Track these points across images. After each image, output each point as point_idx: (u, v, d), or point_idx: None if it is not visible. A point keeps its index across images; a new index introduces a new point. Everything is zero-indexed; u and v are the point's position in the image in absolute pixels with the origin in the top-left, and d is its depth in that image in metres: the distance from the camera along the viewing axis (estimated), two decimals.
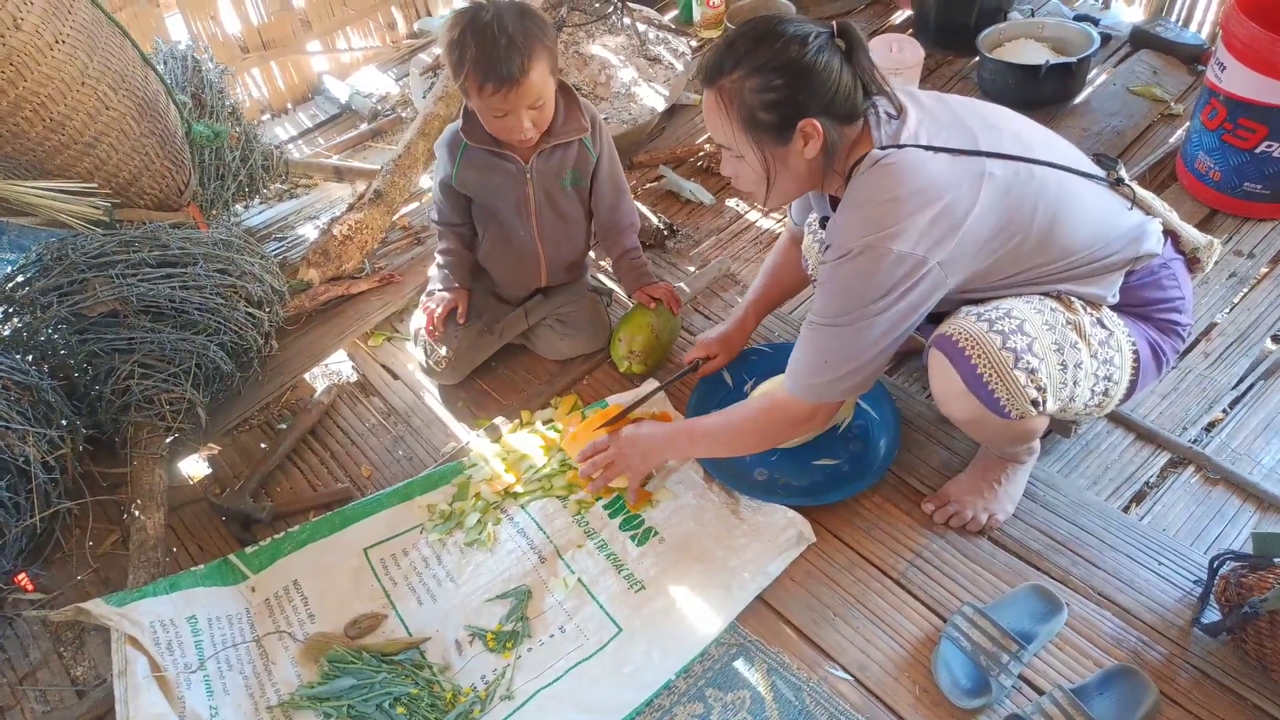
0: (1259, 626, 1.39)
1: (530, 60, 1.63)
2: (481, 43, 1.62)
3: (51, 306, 1.84)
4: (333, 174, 2.78)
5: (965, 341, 1.38)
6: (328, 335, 2.27)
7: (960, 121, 1.40)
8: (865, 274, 1.34)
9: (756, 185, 1.45)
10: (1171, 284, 1.53)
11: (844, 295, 1.39)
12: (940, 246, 1.32)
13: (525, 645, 1.56)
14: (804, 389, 1.49)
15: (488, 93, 1.65)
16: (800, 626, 1.56)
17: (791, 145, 1.37)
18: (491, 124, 1.75)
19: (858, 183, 1.37)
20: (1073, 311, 1.44)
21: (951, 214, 1.32)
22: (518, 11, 1.65)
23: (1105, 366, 1.46)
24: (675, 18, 3.33)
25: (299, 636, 1.61)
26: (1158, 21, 2.91)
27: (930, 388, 1.52)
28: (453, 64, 1.67)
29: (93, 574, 1.80)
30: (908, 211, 1.31)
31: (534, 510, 1.77)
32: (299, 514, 1.85)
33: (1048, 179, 1.39)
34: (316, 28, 3.22)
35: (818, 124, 1.33)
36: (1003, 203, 1.35)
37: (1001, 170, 1.35)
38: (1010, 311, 1.39)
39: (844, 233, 1.37)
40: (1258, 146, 2.13)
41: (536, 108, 1.71)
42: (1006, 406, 1.39)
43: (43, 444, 1.74)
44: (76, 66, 1.95)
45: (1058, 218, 1.39)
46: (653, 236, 2.38)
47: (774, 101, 1.33)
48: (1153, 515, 1.68)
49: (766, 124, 1.35)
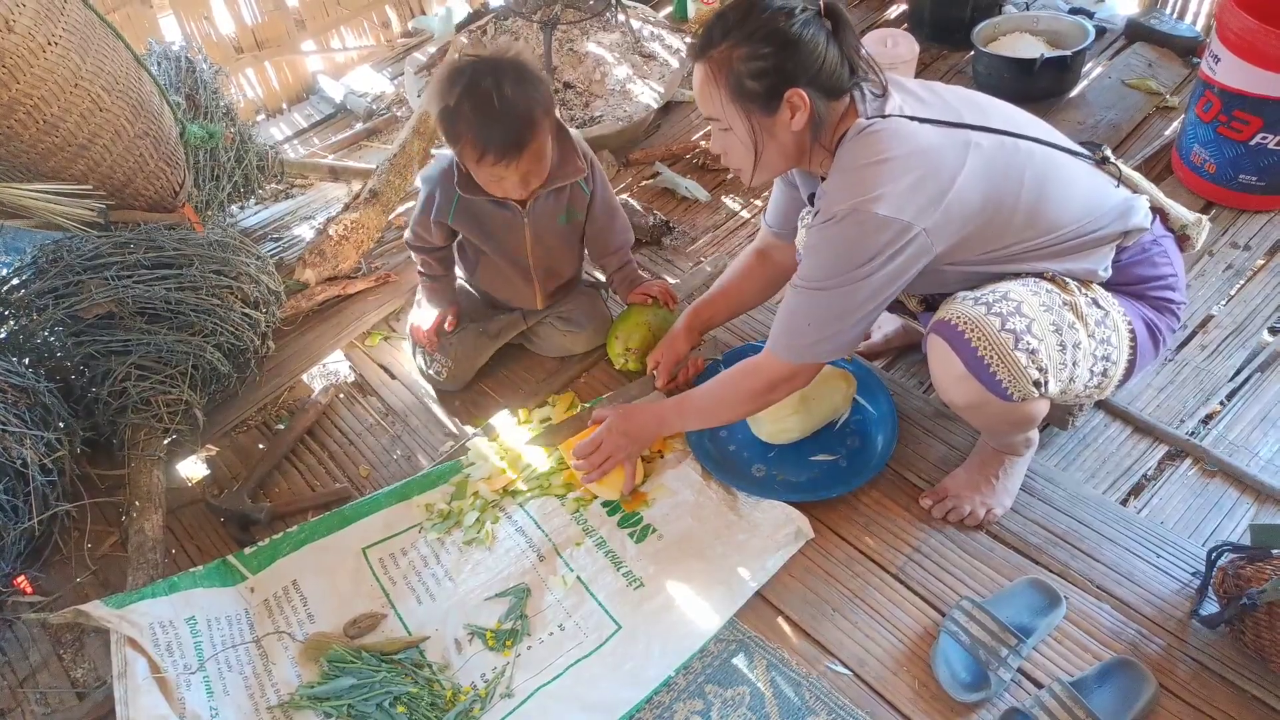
0: (1257, 618, 1.39)
1: (533, 130, 1.60)
2: (483, 115, 1.56)
3: (47, 309, 1.84)
4: (328, 174, 2.78)
5: (964, 325, 1.39)
6: (325, 335, 2.27)
7: (946, 102, 1.42)
8: (851, 238, 1.35)
9: (744, 158, 1.45)
10: (1164, 261, 1.53)
11: (830, 259, 1.39)
12: (926, 213, 1.33)
13: (525, 643, 1.57)
14: (785, 349, 1.50)
15: (488, 163, 1.62)
16: (799, 622, 1.56)
17: (779, 116, 1.38)
18: (488, 185, 1.72)
19: (844, 149, 1.39)
20: (1068, 292, 1.44)
21: (938, 178, 1.33)
22: (516, 75, 1.58)
23: (1103, 346, 1.46)
24: (670, 15, 3.33)
25: (298, 636, 1.61)
26: (1152, 14, 2.91)
27: (930, 374, 1.52)
28: (447, 131, 1.62)
29: (91, 576, 1.80)
30: (893, 175, 1.32)
31: (532, 509, 1.77)
32: (297, 514, 1.85)
33: (1034, 152, 1.41)
34: (311, 27, 3.21)
35: (805, 94, 1.34)
36: (989, 170, 1.36)
37: (987, 141, 1.37)
38: (1007, 294, 1.40)
39: (830, 198, 1.38)
40: (1252, 138, 2.13)
41: (533, 172, 1.69)
42: (1008, 388, 1.39)
43: (40, 446, 1.74)
44: (70, 68, 1.94)
45: (1045, 190, 1.40)
46: (648, 234, 2.38)
47: (761, 70, 1.34)
48: (1150, 508, 1.69)
49: (754, 93, 1.36)
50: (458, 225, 1.86)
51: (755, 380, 1.57)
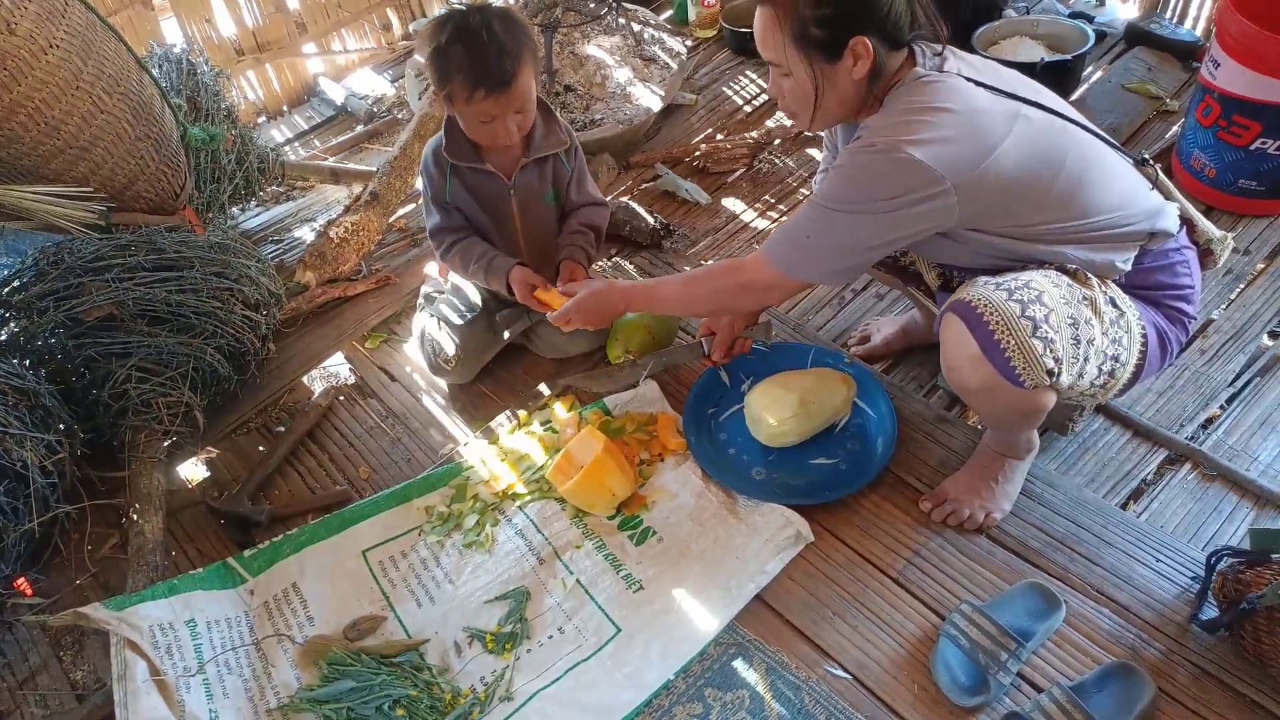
0: (1256, 622, 1.39)
1: (520, 64, 1.66)
2: (471, 49, 1.63)
3: (48, 311, 1.84)
4: (329, 176, 2.78)
5: (983, 307, 1.37)
6: (325, 338, 2.27)
7: (1000, 76, 1.42)
8: (881, 172, 1.34)
9: (802, 105, 1.44)
10: (1184, 271, 1.53)
11: (853, 184, 1.38)
12: (960, 169, 1.32)
13: (524, 646, 1.57)
14: (776, 254, 1.50)
15: (478, 98, 1.66)
16: (799, 626, 1.56)
17: (841, 64, 1.37)
18: (476, 130, 1.76)
19: (897, 93, 1.38)
20: (1088, 287, 1.44)
21: (981, 141, 1.33)
22: (502, 17, 1.66)
23: (1114, 346, 1.46)
24: (670, 18, 3.34)
25: (298, 639, 1.61)
26: (1152, 18, 2.92)
27: (942, 355, 1.49)
28: (437, 71, 1.67)
29: (91, 578, 1.80)
30: (939, 124, 1.32)
31: (532, 512, 1.77)
32: (297, 516, 1.85)
33: (1081, 138, 1.42)
34: (312, 30, 3.22)
35: (869, 43, 1.33)
36: (1034, 145, 1.36)
37: (1037, 116, 1.38)
38: (1029, 283, 1.39)
39: (873, 130, 1.37)
40: (1252, 143, 2.13)
41: (522, 112, 1.73)
42: (1021, 375, 1.38)
43: (41, 449, 1.74)
44: (71, 70, 1.95)
45: (1086, 175, 1.40)
46: (649, 237, 2.39)
47: (827, 17, 1.32)
48: (1150, 512, 1.69)
49: (818, 40, 1.34)
50: (455, 201, 1.91)
51: (732, 278, 1.57)
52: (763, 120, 2.85)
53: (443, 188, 1.89)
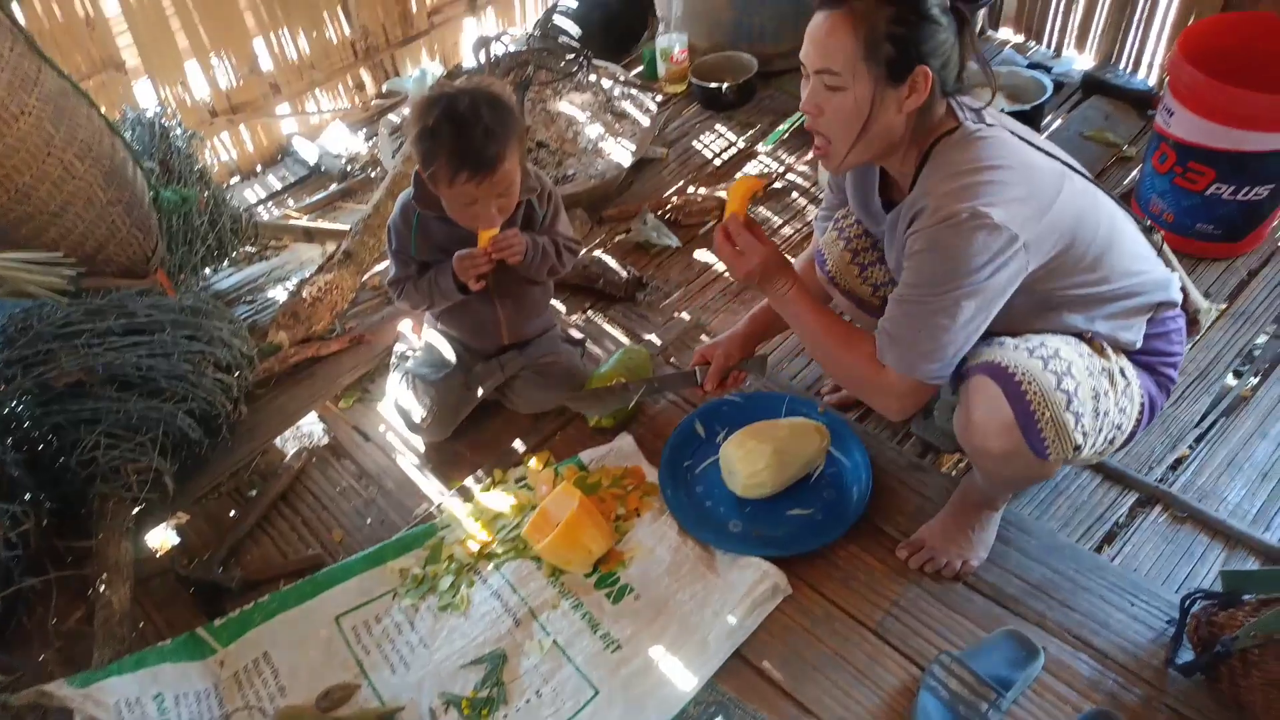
0: (1232, 665, 1.39)
1: (505, 149, 1.65)
2: (458, 131, 1.61)
3: (16, 378, 1.82)
4: (302, 235, 2.79)
5: (1022, 377, 1.36)
6: (298, 398, 2.25)
7: (1031, 133, 1.45)
8: (965, 243, 1.30)
9: (845, 127, 1.37)
10: (1178, 340, 1.56)
11: (942, 262, 1.33)
12: (1029, 225, 1.32)
13: (501, 711, 1.54)
14: (898, 361, 1.43)
15: (461, 180, 1.65)
16: (778, 682, 1.55)
17: (899, 90, 1.33)
18: (458, 212, 1.75)
19: (950, 153, 1.36)
20: (1105, 358, 1.45)
21: (1041, 196, 1.34)
22: (491, 102, 1.65)
23: (1120, 415, 1.47)
24: (640, 74, 3.40)
25: (269, 711, 1.57)
26: (1107, 68, 3.01)
27: (965, 414, 1.46)
28: (423, 151, 1.66)
29: (56, 653, 1.75)
30: (1008, 182, 1.31)
31: (508, 571, 1.75)
32: (269, 582, 1.82)
33: (1105, 203, 1.45)
34: (285, 91, 3.24)
35: (930, 74, 1.31)
36: (1076, 204, 1.38)
37: (1078, 179, 1.41)
38: (1058, 352, 1.39)
39: (941, 198, 1.33)
40: (1207, 189, 2.19)
41: (505, 196, 1.72)
42: (1049, 448, 1.38)
43: (5, 520, 1.71)
44: (42, 137, 1.96)
45: (1114, 240, 1.43)
46: (623, 289, 2.40)
47: (902, 37, 1.29)
48: (1124, 555, 1.70)
49: (888, 58, 1.30)
50: (422, 255, 1.88)
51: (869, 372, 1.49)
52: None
53: (408, 242, 1.87)
